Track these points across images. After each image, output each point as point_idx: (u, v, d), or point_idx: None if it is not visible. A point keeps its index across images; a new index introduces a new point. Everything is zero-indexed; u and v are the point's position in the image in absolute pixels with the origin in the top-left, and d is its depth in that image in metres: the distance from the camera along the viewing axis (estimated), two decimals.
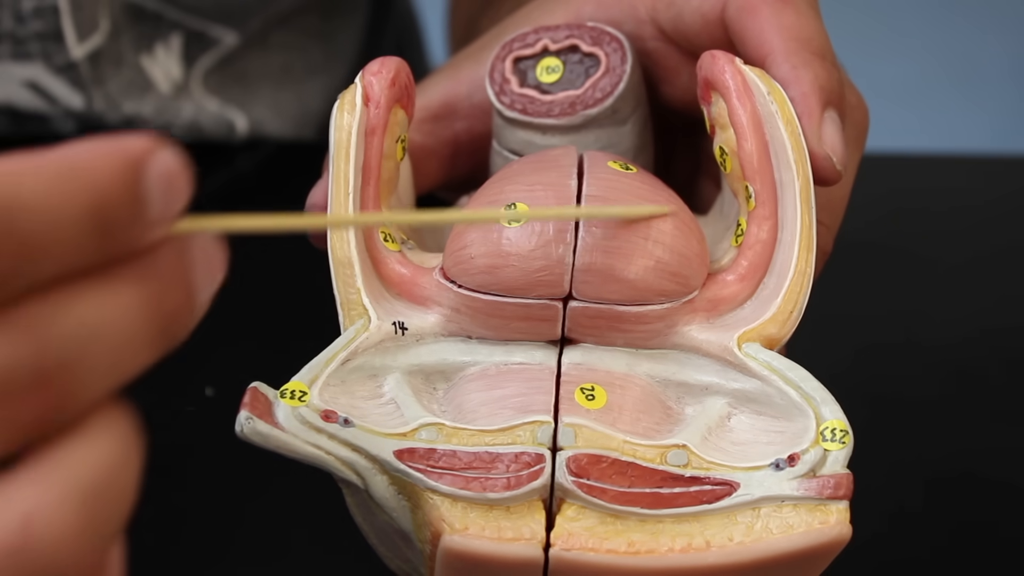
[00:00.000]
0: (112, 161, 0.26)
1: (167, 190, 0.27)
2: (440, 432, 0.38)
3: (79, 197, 0.25)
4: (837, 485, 0.36)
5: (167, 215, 0.27)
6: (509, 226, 0.39)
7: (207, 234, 0.28)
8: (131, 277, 0.27)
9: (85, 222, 0.26)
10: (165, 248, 0.27)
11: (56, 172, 0.25)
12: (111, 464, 0.27)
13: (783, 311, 0.40)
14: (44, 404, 0.26)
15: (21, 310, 0.25)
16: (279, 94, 0.72)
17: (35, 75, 0.64)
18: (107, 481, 0.26)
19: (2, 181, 0.25)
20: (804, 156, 0.40)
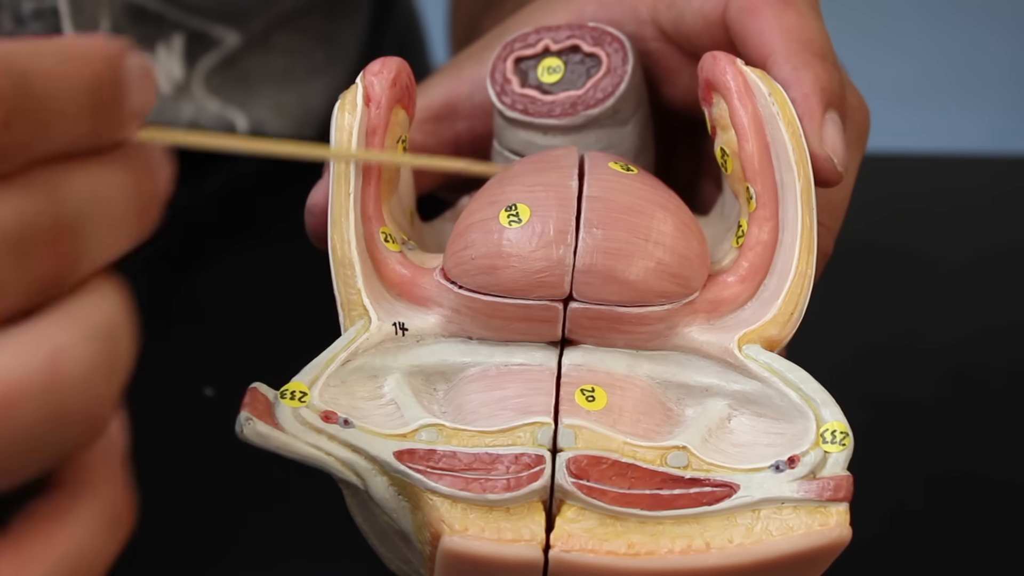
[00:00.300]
0: (101, 49, 0.29)
1: (141, 84, 0.29)
2: (440, 433, 0.38)
3: (81, 74, 0.28)
4: (837, 487, 0.36)
5: (141, 109, 0.29)
6: (510, 227, 0.39)
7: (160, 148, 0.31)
8: (117, 160, 0.29)
9: (85, 99, 0.28)
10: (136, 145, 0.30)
11: (61, 51, 0.28)
12: (118, 313, 0.29)
13: (784, 312, 0.40)
14: (59, 259, 0.28)
15: (38, 174, 0.28)
16: (281, 95, 0.72)
17: None
18: (117, 326, 0.29)
19: (22, 53, 0.27)
20: (805, 157, 0.40)
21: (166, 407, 0.53)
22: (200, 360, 0.55)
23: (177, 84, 0.69)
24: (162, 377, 0.55)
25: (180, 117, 0.69)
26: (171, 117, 0.68)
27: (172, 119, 0.68)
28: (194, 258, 0.62)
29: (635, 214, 0.39)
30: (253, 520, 0.49)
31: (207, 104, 0.70)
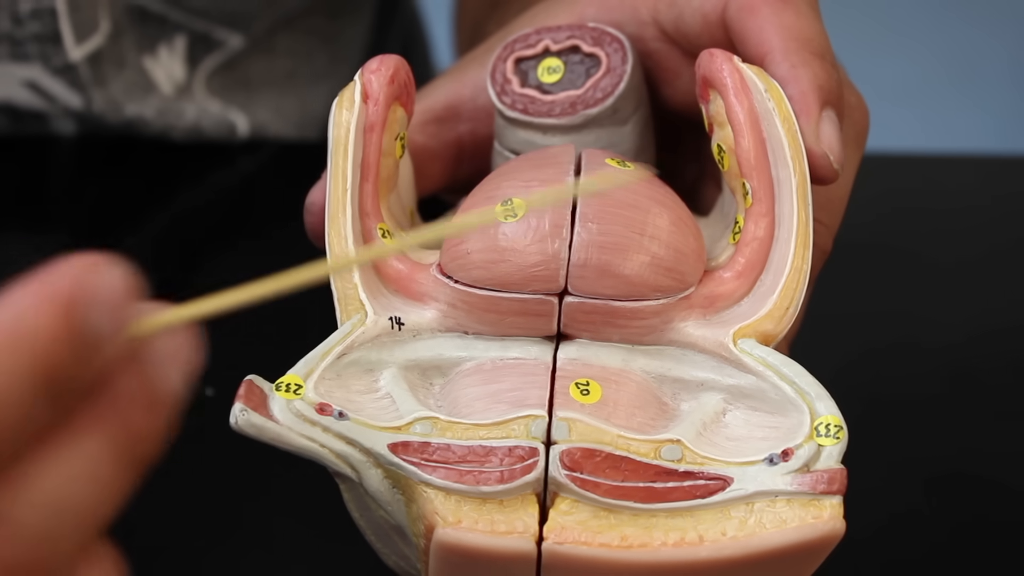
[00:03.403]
0: (48, 312, 0.25)
1: (112, 315, 0.25)
2: (434, 426, 0.38)
3: (21, 369, 0.24)
4: (831, 480, 0.36)
5: (116, 339, 0.26)
6: (506, 222, 0.39)
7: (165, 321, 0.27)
8: (91, 421, 0.26)
9: (33, 391, 0.24)
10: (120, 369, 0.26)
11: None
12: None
13: (779, 307, 0.40)
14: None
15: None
16: (282, 98, 0.73)
17: (34, 75, 0.64)
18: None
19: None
20: (801, 153, 0.40)
21: None
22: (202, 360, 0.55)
23: (179, 85, 0.69)
24: None
25: (183, 118, 0.69)
26: (173, 118, 0.68)
27: (174, 120, 0.69)
28: (193, 258, 0.62)
29: (630, 209, 0.39)
30: (252, 518, 0.49)
31: (208, 105, 0.70)
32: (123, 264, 0.26)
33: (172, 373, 0.27)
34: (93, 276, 0.25)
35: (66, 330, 0.25)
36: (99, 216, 0.64)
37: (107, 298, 0.25)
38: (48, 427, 0.25)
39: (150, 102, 0.68)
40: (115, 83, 0.66)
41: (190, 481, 0.49)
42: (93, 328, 0.25)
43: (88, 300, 0.25)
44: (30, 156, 0.67)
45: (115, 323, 0.25)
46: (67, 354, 0.25)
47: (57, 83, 0.65)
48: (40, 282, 0.25)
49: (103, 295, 0.25)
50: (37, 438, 0.25)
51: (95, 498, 0.26)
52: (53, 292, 0.25)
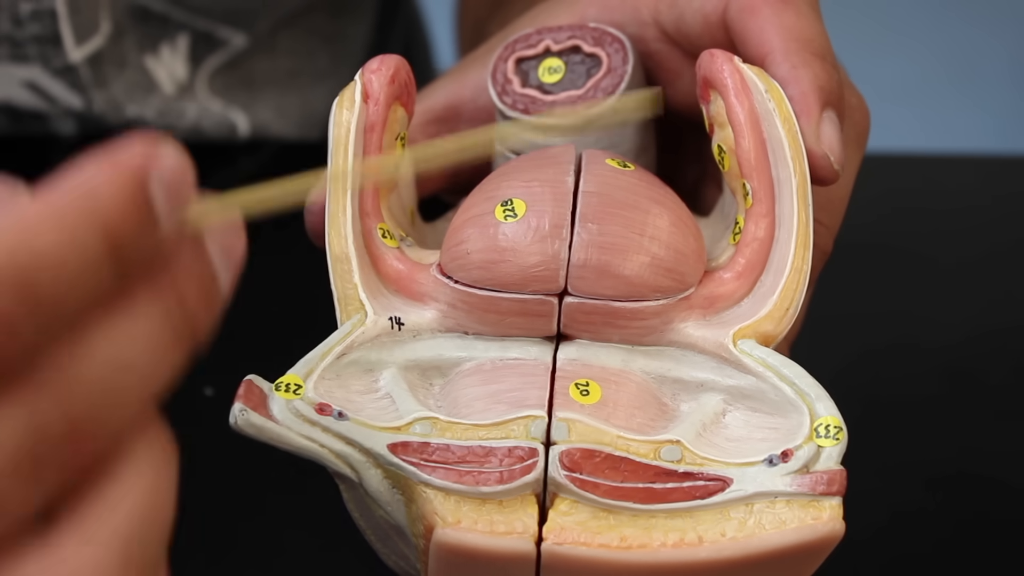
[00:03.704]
0: (117, 184, 0.26)
1: (173, 194, 0.27)
2: (434, 426, 0.38)
3: (93, 237, 0.26)
4: (830, 481, 0.36)
5: (176, 217, 0.27)
6: (506, 222, 0.39)
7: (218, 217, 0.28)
8: (150, 291, 0.27)
9: (102, 258, 0.26)
10: (178, 247, 0.28)
11: (67, 215, 0.25)
12: (150, 503, 0.27)
13: (779, 308, 0.40)
14: (80, 451, 0.26)
15: (45, 365, 0.25)
16: (284, 97, 0.73)
17: (34, 76, 0.64)
18: (147, 522, 0.27)
19: (16, 240, 0.25)
20: (801, 154, 0.40)
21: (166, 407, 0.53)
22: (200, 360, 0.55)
23: (181, 84, 0.69)
24: None
25: (183, 119, 0.69)
26: (174, 119, 0.69)
27: (175, 121, 0.69)
28: None
29: (631, 209, 0.39)
30: (252, 519, 0.49)
31: (210, 105, 0.70)
32: (182, 152, 0.27)
33: (222, 267, 0.29)
34: (158, 157, 0.27)
35: (133, 202, 0.26)
36: None
37: (169, 178, 0.27)
38: (112, 292, 0.26)
39: (151, 103, 0.68)
40: (116, 84, 0.66)
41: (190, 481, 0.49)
42: (157, 203, 0.27)
43: (153, 177, 0.27)
44: (30, 156, 0.67)
45: (176, 201, 0.27)
46: (133, 224, 0.26)
47: (57, 84, 0.65)
48: (111, 157, 0.26)
49: (166, 174, 0.27)
50: (102, 301, 0.26)
51: (151, 363, 0.27)
52: (123, 166, 0.26)
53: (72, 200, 0.26)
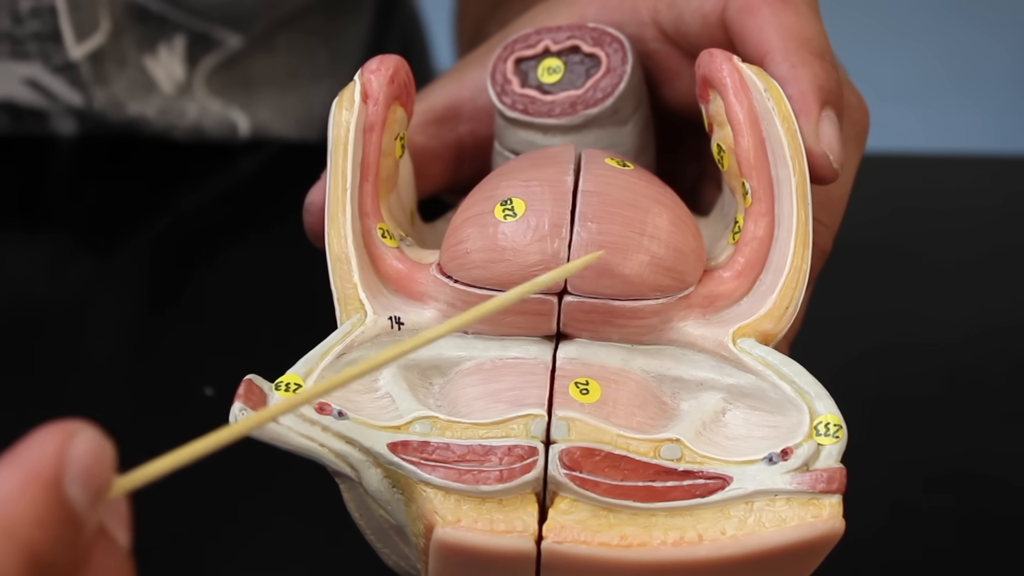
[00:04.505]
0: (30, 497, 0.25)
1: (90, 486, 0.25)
2: (434, 425, 0.38)
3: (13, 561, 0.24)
4: (830, 479, 0.36)
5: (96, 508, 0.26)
6: (505, 221, 0.39)
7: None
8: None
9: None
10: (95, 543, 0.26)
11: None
12: None
13: (779, 307, 0.40)
14: None
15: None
16: (283, 97, 0.73)
17: (34, 73, 0.64)
18: None
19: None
20: (800, 152, 0.40)
21: (168, 407, 0.53)
22: (200, 360, 0.55)
23: (179, 85, 0.69)
24: (164, 377, 0.55)
25: (184, 118, 0.69)
26: (175, 118, 0.69)
27: (176, 120, 0.69)
28: (194, 258, 0.62)
29: (630, 208, 0.39)
30: (252, 519, 0.49)
31: (209, 104, 0.70)
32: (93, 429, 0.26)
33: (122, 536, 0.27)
34: (69, 449, 0.25)
35: (51, 513, 0.25)
36: (100, 216, 0.64)
37: (85, 470, 0.25)
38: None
39: (152, 101, 0.68)
40: (117, 82, 0.66)
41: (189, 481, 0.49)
42: (75, 504, 0.25)
43: (68, 477, 0.25)
44: (31, 155, 0.67)
45: (95, 493, 0.26)
46: (54, 537, 0.25)
47: (58, 81, 0.65)
48: (18, 463, 0.25)
49: (81, 468, 0.25)
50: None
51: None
52: (33, 473, 0.25)
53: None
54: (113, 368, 0.56)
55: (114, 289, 0.61)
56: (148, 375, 0.55)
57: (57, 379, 0.54)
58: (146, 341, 0.58)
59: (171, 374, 0.55)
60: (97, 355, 0.56)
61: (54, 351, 0.56)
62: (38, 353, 0.56)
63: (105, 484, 0.26)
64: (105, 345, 0.57)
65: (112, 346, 0.57)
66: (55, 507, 0.25)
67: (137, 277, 0.62)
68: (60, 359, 0.56)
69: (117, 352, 0.57)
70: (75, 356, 0.56)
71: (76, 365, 0.55)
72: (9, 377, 0.55)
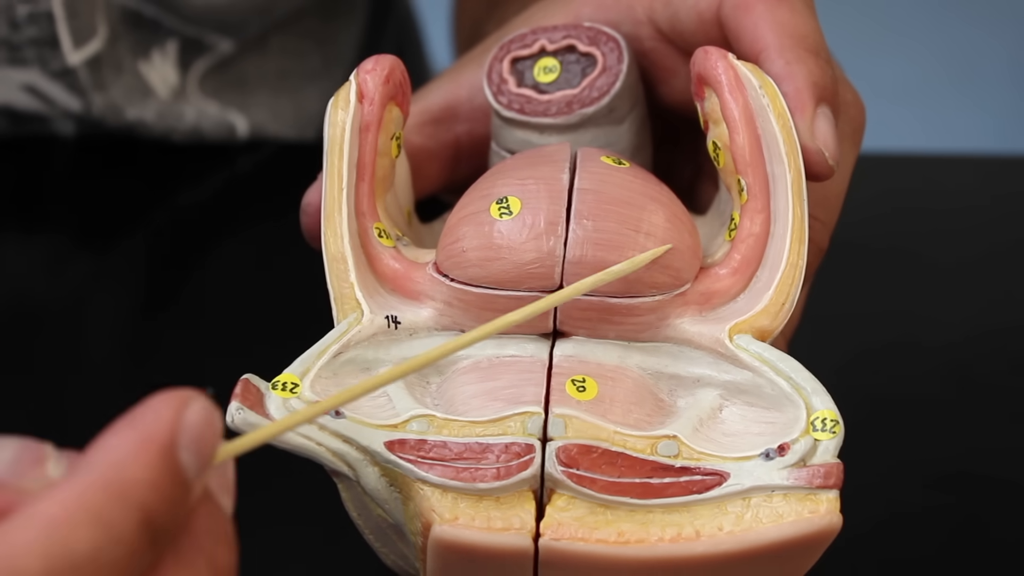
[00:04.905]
0: (147, 460, 0.26)
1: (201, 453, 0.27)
2: (431, 423, 0.38)
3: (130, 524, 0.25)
4: (827, 474, 0.36)
5: (205, 474, 0.27)
6: (501, 220, 0.39)
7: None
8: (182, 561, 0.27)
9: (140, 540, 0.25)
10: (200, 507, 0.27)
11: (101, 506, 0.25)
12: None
13: (775, 303, 0.40)
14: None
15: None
16: (278, 98, 0.73)
17: (32, 79, 0.65)
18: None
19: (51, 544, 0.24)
20: (796, 149, 0.40)
21: None
22: (200, 360, 0.56)
23: (174, 89, 0.69)
24: (162, 376, 0.55)
25: (183, 121, 0.69)
26: (173, 121, 0.69)
27: (174, 123, 0.69)
28: (194, 258, 0.62)
29: (626, 206, 0.39)
30: (250, 518, 0.49)
31: (206, 107, 0.70)
32: (206, 399, 0.27)
33: (226, 502, 0.28)
34: (183, 416, 0.27)
35: (166, 477, 0.26)
36: (99, 217, 0.64)
37: (197, 437, 0.27)
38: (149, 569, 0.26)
39: (150, 106, 0.68)
40: (115, 87, 0.66)
41: None
42: (187, 469, 0.26)
43: (181, 443, 0.26)
44: (30, 157, 0.67)
45: (205, 459, 0.27)
46: (168, 500, 0.26)
47: (56, 87, 0.65)
48: (135, 426, 0.26)
49: (193, 435, 0.27)
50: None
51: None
52: (149, 438, 0.26)
53: (103, 486, 0.25)
54: (111, 368, 0.56)
55: (112, 289, 0.61)
56: (146, 375, 0.55)
57: (55, 378, 0.54)
58: (144, 341, 0.58)
59: (169, 374, 0.55)
60: (95, 355, 0.57)
61: (52, 351, 0.56)
62: (37, 353, 0.56)
63: (214, 451, 0.27)
64: (103, 345, 0.57)
65: (110, 346, 0.57)
66: (169, 472, 0.26)
67: (135, 277, 0.62)
68: (58, 359, 0.56)
69: (115, 352, 0.57)
70: (73, 356, 0.56)
71: (74, 365, 0.55)
72: (8, 377, 0.55)
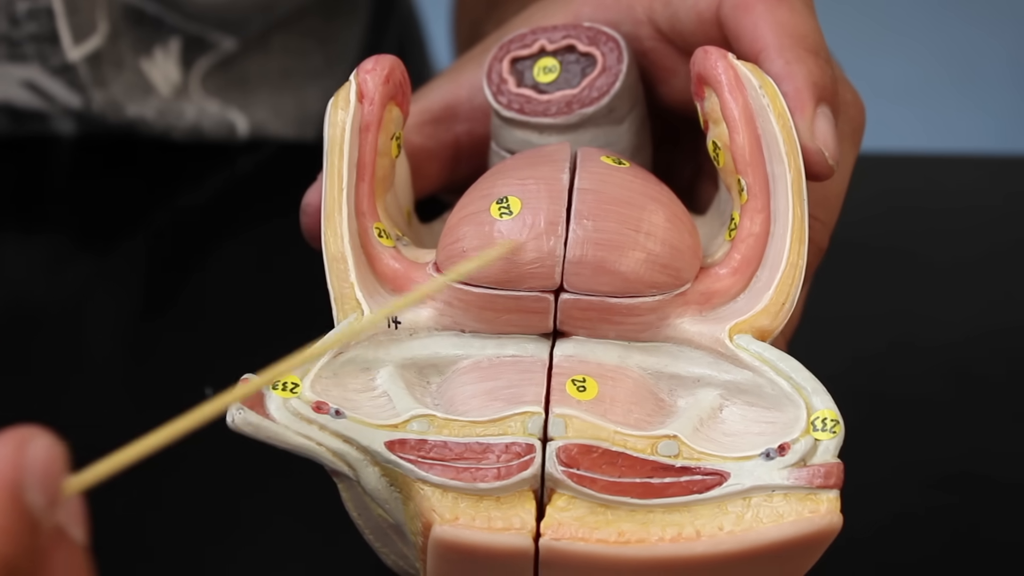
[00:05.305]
0: None
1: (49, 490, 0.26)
2: (431, 423, 0.38)
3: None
4: (828, 474, 0.36)
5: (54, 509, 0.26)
6: (501, 219, 0.39)
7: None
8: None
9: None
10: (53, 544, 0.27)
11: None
12: None
13: (775, 303, 0.40)
14: None
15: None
16: (279, 97, 0.73)
17: (32, 75, 0.65)
18: None
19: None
20: (796, 148, 0.40)
21: (166, 407, 0.53)
22: (200, 360, 0.56)
23: (175, 87, 0.69)
24: (162, 377, 0.55)
25: (183, 119, 0.69)
26: (174, 119, 0.69)
27: (175, 121, 0.69)
28: (194, 258, 0.62)
29: (626, 206, 0.39)
30: (250, 518, 0.49)
31: (207, 106, 0.70)
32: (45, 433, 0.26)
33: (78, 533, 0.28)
34: (25, 455, 0.26)
35: (13, 521, 0.25)
36: (99, 216, 0.64)
37: (43, 476, 0.26)
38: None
39: (150, 103, 0.68)
40: (115, 84, 0.66)
41: (188, 480, 0.49)
42: (35, 510, 0.26)
43: (27, 483, 0.26)
44: (30, 156, 0.67)
45: (52, 499, 0.26)
46: (17, 543, 0.25)
47: (56, 83, 0.65)
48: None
49: (38, 474, 0.26)
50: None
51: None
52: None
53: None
54: (111, 368, 0.56)
55: (112, 289, 0.61)
56: (146, 375, 0.55)
57: (55, 379, 0.54)
58: (144, 341, 0.58)
59: (169, 374, 0.55)
60: (95, 355, 0.57)
61: (52, 351, 0.56)
62: (36, 353, 0.56)
63: (60, 487, 0.27)
64: (103, 345, 0.57)
65: (110, 346, 0.57)
66: (17, 515, 0.26)
67: (135, 277, 0.62)
68: (58, 359, 0.56)
69: (115, 352, 0.57)
70: (73, 356, 0.56)
71: (74, 365, 0.55)
72: (8, 377, 0.55)
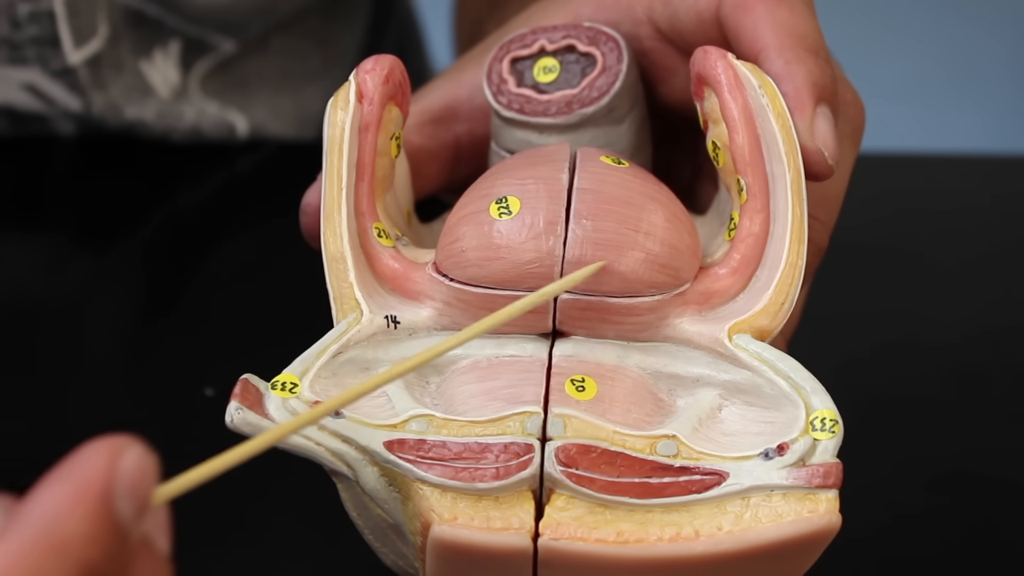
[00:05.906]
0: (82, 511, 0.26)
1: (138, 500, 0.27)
2: (430, 423, 0.38)
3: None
4: (826, 474, 0.36)
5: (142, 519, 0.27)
6: (500, 219, 0.39)
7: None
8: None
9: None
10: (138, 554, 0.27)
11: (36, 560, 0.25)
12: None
13: (774, 303, 0.40)
14: None
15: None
16: (279, 98, 0.73)
17: (32, 78, 0.65)
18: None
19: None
20: (795, 148, 0.40)
21: (166, 407, 0.53)
22: (200, 360, 0.56)
23: (175, 89, 0.69)
24: (162, 377, 0.55)
25: (182, 120, 0.69)
26: (173, 121, 0.69)
27: (174, 123, 0.69)
28: (194, 258, 0.62)
29: (625, 205, 0.39)
30: (250, 518, 0.49)
31: (207, 107, 0.70)
32: (140, 444, 0.27)
33: (163, 543, 0.28)
34: (118, 464, 0.26)
35: (102, 528, 0.26)
36: (99, 217, 0.65)
37: (132, 483, 0.26)
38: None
39: (149, 105, 0.68)
40: (114, 87, 0.66)
41: None
42: (124, 519, 0.26)
43: (117, 492, 0.26)
44: (30, 156, 0.67)
45: (141, 505, 0.27)
46: (105, 551, 0.26)
47: (56, 86, 0.65)
48: (70, 478, 0.26)
49: (129, 483, 0.26)
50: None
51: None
52: (84, 489, 0.26)
53: (40, 541, 0.25)
54: (111, 368, 0.56)
55: (112, 289, 0.61)
56: (146, 375, 0.55)
57: (55, 379, 0.55)
58: (144, 341, 0.58)
59: (168, 374, 0.55)
60: (95, 355, 0.57)
61: (52, 351, 0.56)
62: (36, 353, 0.56)
63: (150, 497, 0.27)
64: (103, 345, 0.57)
65: (110, 346, 0.57)
66: (106, 523, 0.26)
67: (135, 277, 0.62)
68: (58, 359, 0.56)
69: (115, 352, 0.57)
70: (73, 356, 0.56)
71: (74, 365, 0.55)
72: (8, 377, 0.55)
